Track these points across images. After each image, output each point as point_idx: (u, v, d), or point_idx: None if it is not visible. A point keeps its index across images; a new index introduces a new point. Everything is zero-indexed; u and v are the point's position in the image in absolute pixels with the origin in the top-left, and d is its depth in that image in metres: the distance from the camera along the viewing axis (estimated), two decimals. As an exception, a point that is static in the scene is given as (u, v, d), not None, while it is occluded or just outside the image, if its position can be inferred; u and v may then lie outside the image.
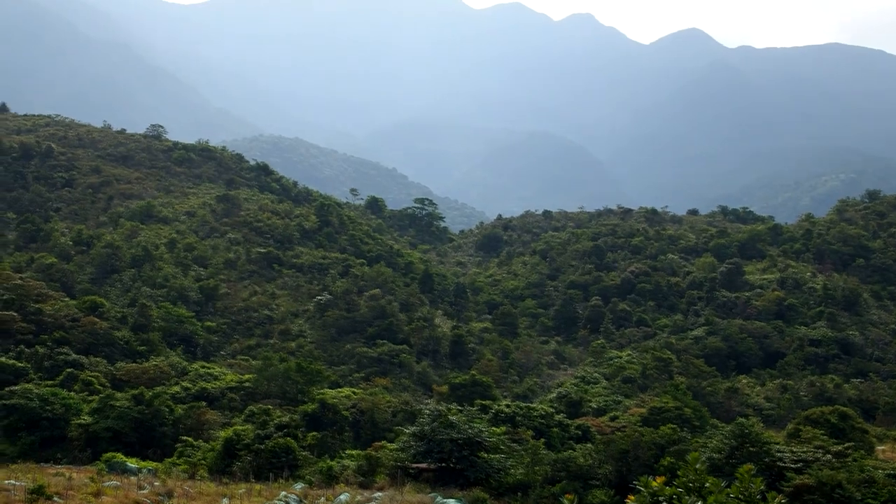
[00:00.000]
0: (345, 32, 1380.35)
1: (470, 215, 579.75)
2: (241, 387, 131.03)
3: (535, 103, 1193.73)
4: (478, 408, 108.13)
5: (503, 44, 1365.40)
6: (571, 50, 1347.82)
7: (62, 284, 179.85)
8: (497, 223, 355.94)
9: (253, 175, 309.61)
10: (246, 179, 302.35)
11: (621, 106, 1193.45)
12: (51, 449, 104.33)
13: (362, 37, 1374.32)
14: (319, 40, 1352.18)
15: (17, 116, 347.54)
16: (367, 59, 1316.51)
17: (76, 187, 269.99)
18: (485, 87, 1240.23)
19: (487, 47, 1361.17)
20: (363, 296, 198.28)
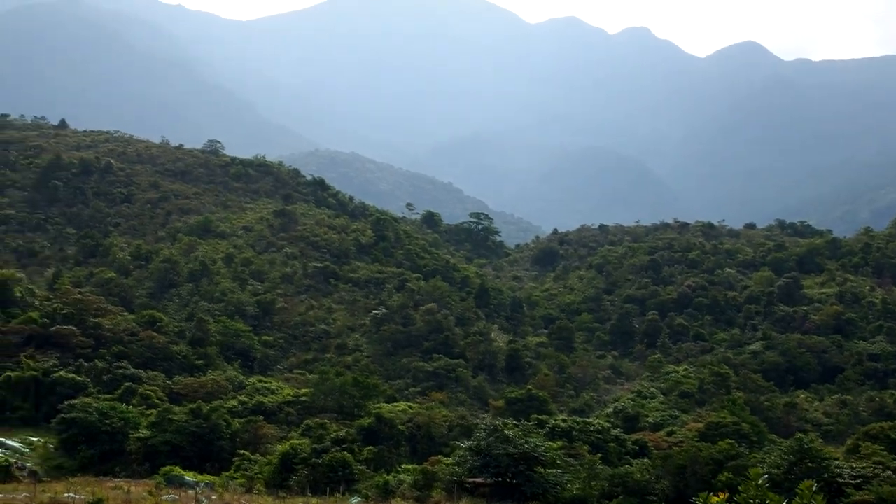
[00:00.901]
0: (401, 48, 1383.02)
1: (526, 230, 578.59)
2: (298, 401, 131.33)
3: (591, 117, 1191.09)
4: (534, 422, 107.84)
5: (559, 58, 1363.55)
6: (627, 64, 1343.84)
7: (121, 299, 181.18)
8: (553, 237, 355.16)
9: (309, 190, 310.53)
10: (303, 194, 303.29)
11: (678, 119, 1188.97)
12: (109, 462, 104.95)
13: (418, 52, 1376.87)
14: (375, 56, 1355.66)
15: (78, 133, 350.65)
16: (424, 75, 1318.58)
17: (135, 203, 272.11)
18: (541, 102, 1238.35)
19: (543, 62, 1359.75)
20: (419, 310, 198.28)
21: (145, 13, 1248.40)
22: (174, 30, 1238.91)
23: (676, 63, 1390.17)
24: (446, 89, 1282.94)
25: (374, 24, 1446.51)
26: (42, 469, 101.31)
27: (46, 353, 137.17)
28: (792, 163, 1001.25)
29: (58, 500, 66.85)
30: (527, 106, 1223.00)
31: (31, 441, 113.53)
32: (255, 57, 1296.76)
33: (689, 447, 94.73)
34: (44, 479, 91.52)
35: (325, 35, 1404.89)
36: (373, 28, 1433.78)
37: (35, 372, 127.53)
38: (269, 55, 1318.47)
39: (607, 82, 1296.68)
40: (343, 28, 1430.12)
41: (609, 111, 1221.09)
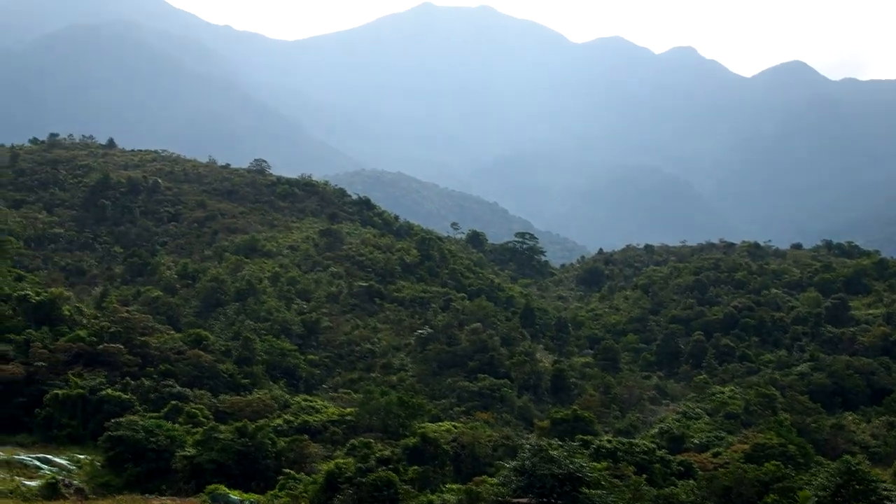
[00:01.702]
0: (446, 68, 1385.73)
1: (571, 249, 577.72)
2: (343, 420, 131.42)
3: (637, 136, 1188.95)
4: (579, 443, 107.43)
5: (604, 77, 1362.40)
6: (673, 83, 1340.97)
7: (168, 317, 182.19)
8: (598, 257, 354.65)
9: (355, 209, 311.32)
10: (348, 213, 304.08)
11: (724, 139, 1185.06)
12: (156, 480, 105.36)
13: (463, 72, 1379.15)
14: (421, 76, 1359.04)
15: (125, 152, 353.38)
16: (469, 94, 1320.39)
17: (182, 221, 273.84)
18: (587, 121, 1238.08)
19: (588, 81, 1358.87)
20: (464, 330, 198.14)
21: (193, 34, 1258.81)
22: (221, 50, 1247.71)
23: (722, 82, 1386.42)
24: (491, 109, 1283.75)
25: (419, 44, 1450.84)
26: (89, 486, 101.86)
27: (94, 371, 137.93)
28: (839, 182, 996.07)
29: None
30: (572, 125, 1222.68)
31: (78, 458, 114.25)
32: (302, 77, 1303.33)
33: (735, 468, 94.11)
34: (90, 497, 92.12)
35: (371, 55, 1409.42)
36: (418, 48, 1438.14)
37: (82, 390, 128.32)
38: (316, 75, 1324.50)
39: (653, 101, 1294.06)
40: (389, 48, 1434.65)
41: (655, 130, 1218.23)
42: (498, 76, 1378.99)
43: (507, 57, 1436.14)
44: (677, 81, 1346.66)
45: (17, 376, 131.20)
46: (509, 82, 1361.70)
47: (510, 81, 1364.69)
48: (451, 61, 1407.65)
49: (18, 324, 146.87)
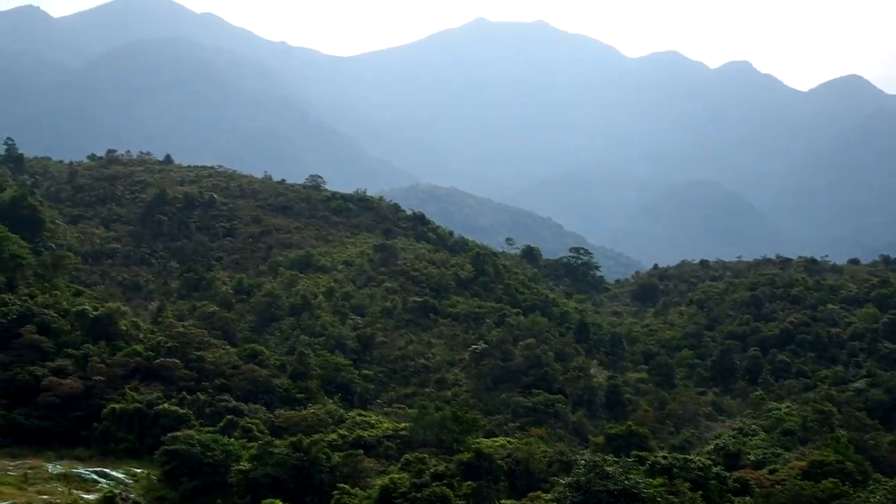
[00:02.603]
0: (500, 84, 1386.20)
1: (626, 265, 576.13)
2: (398, 435, 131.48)
3: (691, 152, 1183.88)
4: (634, 459, 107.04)
5: (659, 92, 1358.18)
6: (728, 98, 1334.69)
7: (223, 332, 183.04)
8: (653, 273, 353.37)
9: (410, 224, 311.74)
10: (402, 229, 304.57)
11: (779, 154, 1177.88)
12: (211, 494, 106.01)
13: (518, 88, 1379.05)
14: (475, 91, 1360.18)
15: (182, 168, 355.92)
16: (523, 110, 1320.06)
17: (237, 237, 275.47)
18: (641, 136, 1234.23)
19: (643, 96, 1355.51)
20: (518, 345, 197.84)
21: (249, 51, 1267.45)
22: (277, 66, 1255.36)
23: (778, 96, 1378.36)
24: (546, 124, 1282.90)
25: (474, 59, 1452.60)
26: (145, 500, 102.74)
27: (150, 385, 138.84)
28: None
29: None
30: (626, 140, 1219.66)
31: (135, 472, 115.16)
32: (356, 92, 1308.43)
33: (791, 485, 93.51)
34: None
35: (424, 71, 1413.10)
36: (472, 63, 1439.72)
37: (139, 404, 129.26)
38: (370, 91, 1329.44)
39: (707, 116, 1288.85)
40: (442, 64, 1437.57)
41: (710, 145, 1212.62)
42: (552, 91, 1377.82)
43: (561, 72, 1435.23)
44: (732, 96, 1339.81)
45: (76, 390, 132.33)
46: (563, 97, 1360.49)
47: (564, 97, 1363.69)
48: (506, 76, 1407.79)
49: (77, 338, 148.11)
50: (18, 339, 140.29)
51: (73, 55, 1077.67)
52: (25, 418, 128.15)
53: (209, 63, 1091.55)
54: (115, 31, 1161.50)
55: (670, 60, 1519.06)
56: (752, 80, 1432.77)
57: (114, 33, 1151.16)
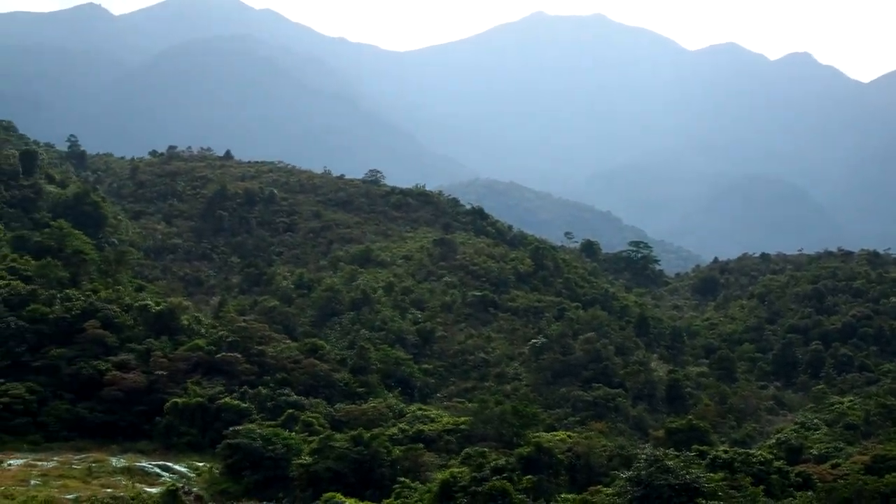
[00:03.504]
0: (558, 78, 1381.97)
1: (686, 258, 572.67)
2: (458, 429, 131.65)
3: (752, 145, 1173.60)
4: (695, 453, 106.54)
5: (718, 85, 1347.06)
6: (789, 90, 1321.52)
7: (284, 327, 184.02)
8: (714, 266, 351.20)
9: (469, 219, 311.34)
10: (462, 223, 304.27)
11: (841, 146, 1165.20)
12: (273, 488, 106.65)
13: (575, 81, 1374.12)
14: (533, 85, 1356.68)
15: (242, 163, 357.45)
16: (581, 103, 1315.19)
17: (297, 232, 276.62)
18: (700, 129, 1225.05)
19: (702, 89, 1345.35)
20: (578, 339, 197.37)
21: (308, 47, 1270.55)
22: (336, 62, 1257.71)
23: (840, 89, 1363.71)
24: (605, 118, 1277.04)
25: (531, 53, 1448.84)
26: (208, 494, 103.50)
27: (212, 379, 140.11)
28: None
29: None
30: (686, 134, 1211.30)
31: (198, 466, 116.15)
32: (415, 87, 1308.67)
33: (854, 480, 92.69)
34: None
35: (482, 65, 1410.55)
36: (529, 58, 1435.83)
37: (201, 398, 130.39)
38: (429, 85, 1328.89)
39: (768, 109, 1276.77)
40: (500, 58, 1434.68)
41: (769, 139, 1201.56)
42: (612, 84, 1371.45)
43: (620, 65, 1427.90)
44: (793, 88, 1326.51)
45: (139, 385, 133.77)
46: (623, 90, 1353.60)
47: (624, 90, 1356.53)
48: (565, 70, 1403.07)
49: (139, 333, 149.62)
50: (82, 333, 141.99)
51: (133, 53, 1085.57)
52: (89, 412, 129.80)
53: (269, 60, 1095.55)
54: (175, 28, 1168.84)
55: (730, 52, 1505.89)
56: (813, 72, 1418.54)
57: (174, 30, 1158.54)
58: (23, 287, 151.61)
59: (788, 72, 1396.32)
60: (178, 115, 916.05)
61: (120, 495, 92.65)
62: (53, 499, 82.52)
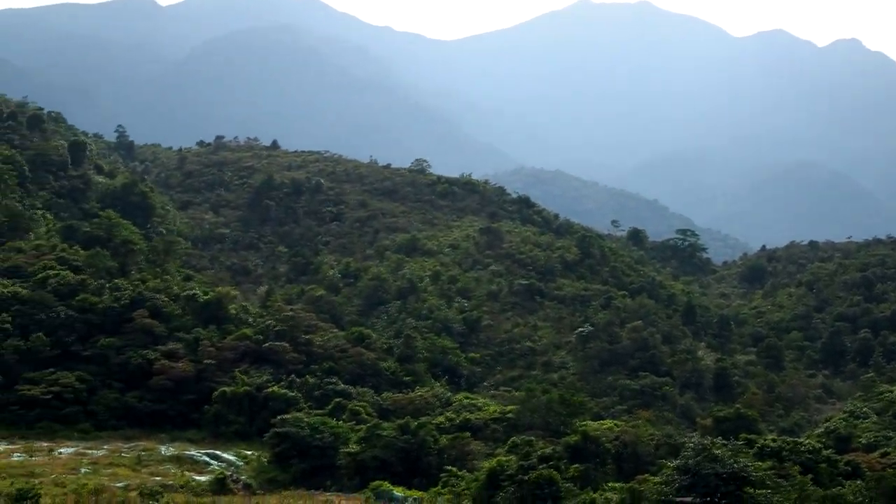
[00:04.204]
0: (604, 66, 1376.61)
1: (733, 246, 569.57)
2: (504, 418, 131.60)
3: (801, 132, 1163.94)
4: (743, 442, 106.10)
5: (766, 72, 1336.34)
6: (837, 77, 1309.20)
7: (331, 316, 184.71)
8: (761, 254, 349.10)
9: (515, 208, 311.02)
10: (508, 212, 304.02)
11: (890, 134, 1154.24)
12: (320, 476, 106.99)
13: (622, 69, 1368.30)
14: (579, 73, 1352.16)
15: (289, 153, 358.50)
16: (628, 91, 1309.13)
17: (344, 221, 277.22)
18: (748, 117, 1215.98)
19: (750, 76, 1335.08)
20: (625, 328, 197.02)
21: (354, 36, 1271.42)
22: (382, 51, 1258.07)
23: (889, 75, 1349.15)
24: (651, 105, 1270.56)
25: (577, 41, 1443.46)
26: (256, 482, 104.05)
27: (260, 368, 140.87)
28: None
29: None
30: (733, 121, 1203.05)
31: (246, 454, 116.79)
32: (461, 76, 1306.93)
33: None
34: (257, 492, 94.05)
35: (528, 54, 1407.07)
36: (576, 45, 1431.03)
37: (249, 387, 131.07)
38: (474, 75, 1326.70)
39: (816, 96, 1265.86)
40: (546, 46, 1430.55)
41: (818, 126, 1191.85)
42: (659, 72, 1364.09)
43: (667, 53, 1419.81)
44: (842, 75, 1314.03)
45: (187, 374, 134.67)
46: (670, 78, 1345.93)
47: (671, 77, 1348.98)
48: (611, 58, 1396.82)
49: (187, 322, 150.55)
50: (131, 323, 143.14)
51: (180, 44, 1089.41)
52: (139, 401, 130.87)
53: (314, 49, 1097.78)
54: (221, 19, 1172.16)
55: (777, 39, 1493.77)
56: (862, 59, 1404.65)
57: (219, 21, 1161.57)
58: (72, 277, 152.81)
59: (837, 58, 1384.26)
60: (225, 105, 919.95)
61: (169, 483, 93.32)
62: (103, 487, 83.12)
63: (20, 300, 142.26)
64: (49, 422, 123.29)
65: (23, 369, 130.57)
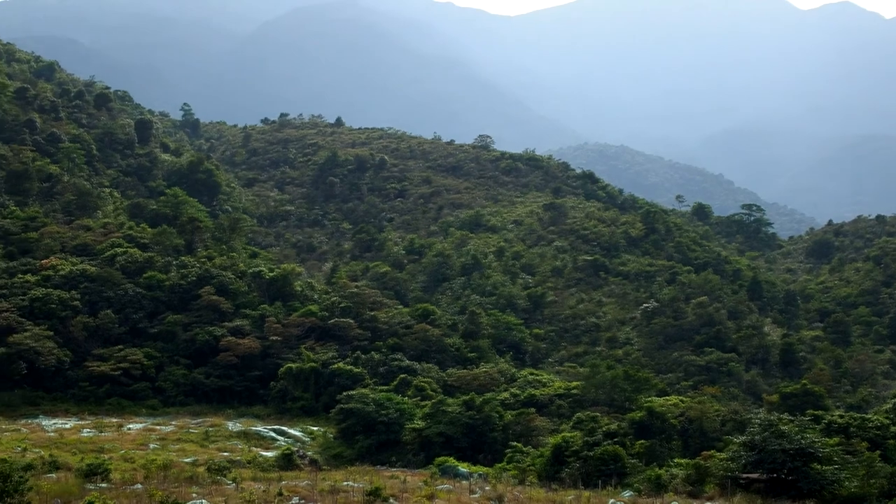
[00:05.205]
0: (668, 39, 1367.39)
1: (799, 221, 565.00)
2: (569, 394, 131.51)
3: (867, 105, 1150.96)
4: (809, 418, 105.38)
5: (832, 44, 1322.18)
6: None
7: (395, 292, 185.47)
8: (828, 229, 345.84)
9: (579, 183, 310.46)
10: (572, 188, 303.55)
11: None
12: (386, 452, 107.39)
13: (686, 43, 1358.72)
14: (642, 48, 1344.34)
15: (353, 130, 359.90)
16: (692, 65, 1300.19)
17: (408, 198, 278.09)
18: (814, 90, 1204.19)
19: (816, 49, 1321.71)
20: (690, 303, 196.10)
21: (416, 13, 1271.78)
22: (444, 27, 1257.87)
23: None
24: (716, 79, 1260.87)
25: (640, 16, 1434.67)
26: (322, 458, 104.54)
27: (325, 344, 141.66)
28: None
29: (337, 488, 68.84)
30: (799, 94, 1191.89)
31: (312, 430, 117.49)
32: (523, 51, 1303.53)
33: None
34: (324, 468, 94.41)
35: (591, 28, 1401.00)
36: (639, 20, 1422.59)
37: (315, 363, 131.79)
38: (537, 49, 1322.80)
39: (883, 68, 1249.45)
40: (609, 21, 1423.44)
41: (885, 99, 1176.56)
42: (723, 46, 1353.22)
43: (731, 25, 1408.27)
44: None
45: (253, 350, 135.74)
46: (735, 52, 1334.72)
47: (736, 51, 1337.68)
48: (674, 32, 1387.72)
49: (253, 299, 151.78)
50: (198, 300, 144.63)
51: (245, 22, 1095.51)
52: (206, 377, 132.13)
53: (377, 26, 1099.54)
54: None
55: (844, 11, 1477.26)
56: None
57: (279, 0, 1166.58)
58: (140, 254, 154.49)
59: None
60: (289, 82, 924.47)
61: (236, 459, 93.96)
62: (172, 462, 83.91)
63: (89, 278, 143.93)
64: (118, 398, 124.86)
65: (92, 346, 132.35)
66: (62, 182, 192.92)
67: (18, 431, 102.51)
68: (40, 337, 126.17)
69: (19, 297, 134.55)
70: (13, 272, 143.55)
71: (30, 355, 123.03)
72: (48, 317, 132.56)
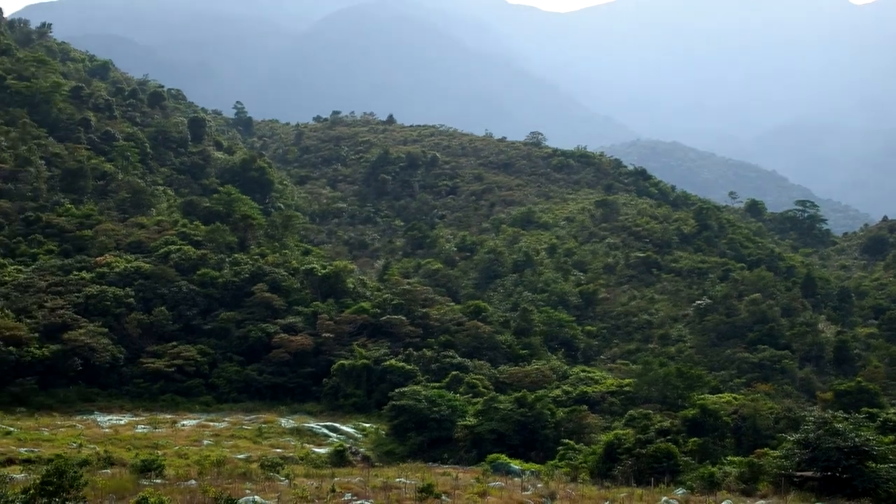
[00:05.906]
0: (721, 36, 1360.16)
1: (854, 218, 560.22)
2: (621, 391, 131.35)
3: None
4: (864, 415, 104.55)
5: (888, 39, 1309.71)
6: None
7: (447, 289, 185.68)
8: (883, 225, 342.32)
9: (631, 180, 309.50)
10: (624, 184, 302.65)
11: None
12: (438, 449, 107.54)
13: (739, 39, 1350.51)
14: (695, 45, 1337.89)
15: (404, 127, 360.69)
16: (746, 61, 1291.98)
17: (460, 195, 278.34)
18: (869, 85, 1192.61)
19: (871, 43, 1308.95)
20: (743, 300, 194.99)
21: (468, 9, 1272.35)
22: (496, 24, 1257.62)
23: None
24: (769, 75, 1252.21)
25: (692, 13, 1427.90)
26: (374, 454, 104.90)
27: (377, 341, 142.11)
28: None
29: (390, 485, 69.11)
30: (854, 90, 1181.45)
31: (364, 427, 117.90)
32: (575, 48, 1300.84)
33: None
34: (376, 465, 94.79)
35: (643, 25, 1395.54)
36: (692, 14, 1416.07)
37: (367, 360, 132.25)
38: (589, 46, 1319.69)
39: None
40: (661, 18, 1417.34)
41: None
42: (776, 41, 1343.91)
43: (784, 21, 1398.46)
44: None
45: (306, 347, 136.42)
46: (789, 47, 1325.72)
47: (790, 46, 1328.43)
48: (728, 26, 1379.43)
49: (306, 296, 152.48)
50: (251, 297, 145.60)
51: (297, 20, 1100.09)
52: (258, 374, 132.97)
53: (428, 23, 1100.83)
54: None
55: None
56: None
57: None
58: (193, 252, 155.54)
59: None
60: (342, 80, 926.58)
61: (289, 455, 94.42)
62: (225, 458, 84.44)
63: (143, 275, 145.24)
64: (172, 394, 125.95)
65: (146, 343, 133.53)
66: (116, 180, 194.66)
67: (74, 427, 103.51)
68: (95, 334, 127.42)
69: (74, 295, 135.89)
70: (68, 269, 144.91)
71: (85, 352, 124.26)
72: (103, 314, 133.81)
